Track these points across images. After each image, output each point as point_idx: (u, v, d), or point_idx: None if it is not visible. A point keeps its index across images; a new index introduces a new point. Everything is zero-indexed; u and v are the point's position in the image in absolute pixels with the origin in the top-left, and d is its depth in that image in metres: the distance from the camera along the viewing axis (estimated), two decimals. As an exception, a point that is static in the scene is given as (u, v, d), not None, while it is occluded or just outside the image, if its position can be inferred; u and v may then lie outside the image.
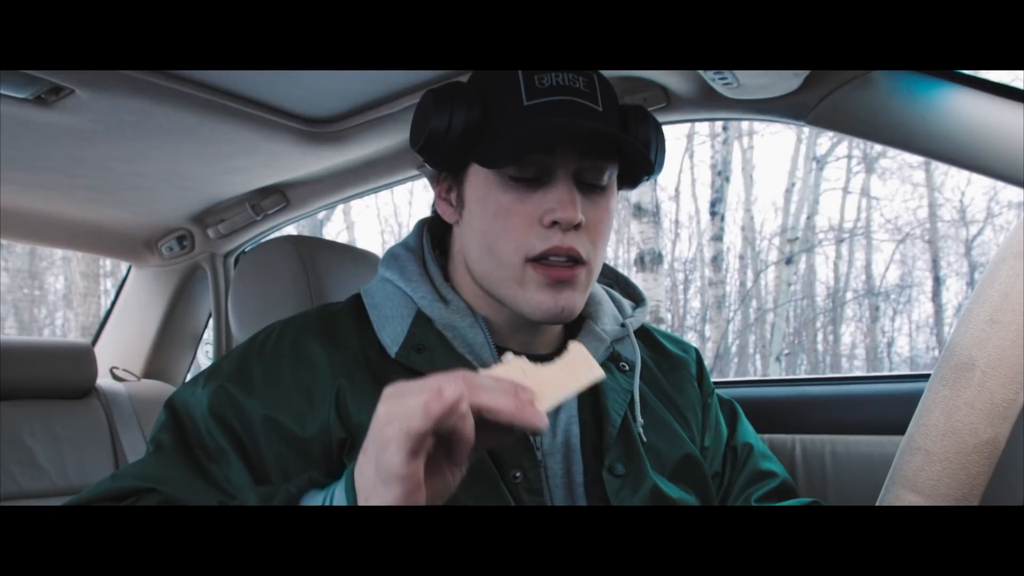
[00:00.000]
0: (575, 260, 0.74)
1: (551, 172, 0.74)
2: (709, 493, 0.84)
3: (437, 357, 0.76)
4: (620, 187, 0.83)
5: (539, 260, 0.74)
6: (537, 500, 0.74)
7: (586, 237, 0.75)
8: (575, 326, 0.86)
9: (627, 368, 0.84)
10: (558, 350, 0.83)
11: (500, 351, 0.80)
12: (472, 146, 0.76)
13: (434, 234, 0.86)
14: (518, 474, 0.74)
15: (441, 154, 0.77)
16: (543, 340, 0.84)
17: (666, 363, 0.91)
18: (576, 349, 0.59)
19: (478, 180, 0.77)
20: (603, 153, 0.75)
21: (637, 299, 0.93)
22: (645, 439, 0.81)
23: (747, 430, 0.93)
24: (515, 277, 0.75)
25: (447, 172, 0.81)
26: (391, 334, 0.77)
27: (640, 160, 0.75)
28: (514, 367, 0.58)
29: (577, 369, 0.58)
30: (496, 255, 0.75)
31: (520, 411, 0.51)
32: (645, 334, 0.93)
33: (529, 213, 0.74)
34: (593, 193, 0.76)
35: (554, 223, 0.73)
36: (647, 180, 0.85)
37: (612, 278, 0.96)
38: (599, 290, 0.90)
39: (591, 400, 0.80)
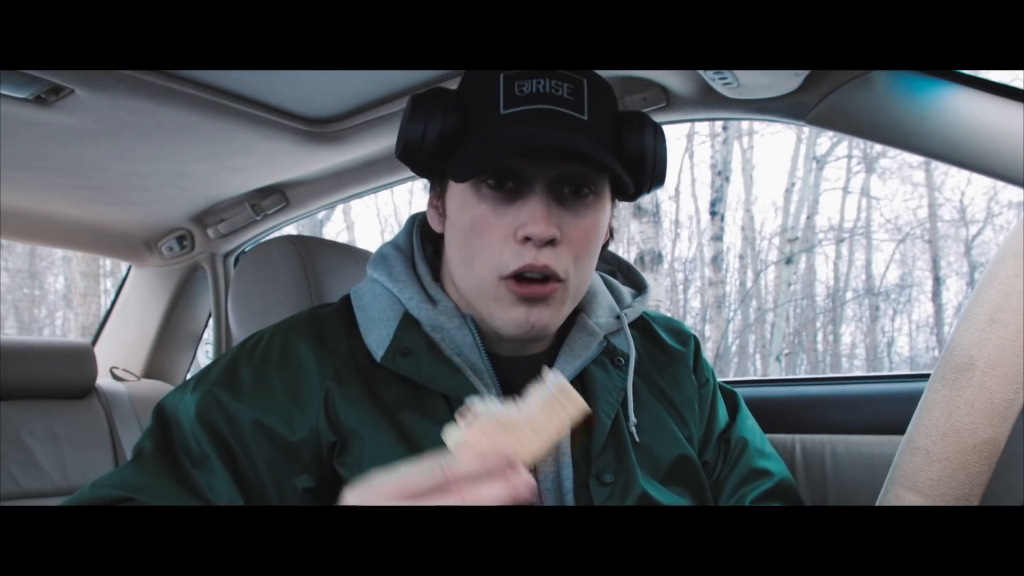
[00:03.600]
0: (551, 278, 0.71)
1: (528, 183, 0.71)
2: (705, 494, 0.82)
3: (423, 362, 0.74)
4: (620, 198, 0.80)
5: (513, 277, 0.71)
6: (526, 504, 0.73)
7: (566, 253, 0.71)
8: (568, 320, 0.83)
9: (622, 362, 0.81)
10: (552, 347, 0.82)
11: (490, 357, 0.78)
12: (450, 154, 0.74)
13: (427, 232, 0.84)
14: None
15: (419, 162, 0.75)
16: (534, 340, 0.80)
17: (664, 357, 0.87)
18: (554, 382, 0.52)
19: (457, 191, 0.74)
20: (580, 163, 0.71)
21: (639, 286, 0.90)
22: (638, 439, 0.78)
23: (746, 425, 0.90)
24: (490, 294, 0.73)
25: (429, 179, 0.80)
26: (376, 338, 0.76)
27: (616, 173, 0.70)
28: (488, 423, 0.50)
29: (560, 408, 0.52)
30: (473, 269, 0.73)
31: (516, 494, 0.49)
32: (644, 326, 0.89)
33: (504, 227, 0.71)
34: (575, 205, 0.72)
35: (527, 239, 0.70)
36: (648, 192, 0.80)
37: (614, 265, 0.94)
38: (595, 280, 0.87)
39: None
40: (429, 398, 0.74)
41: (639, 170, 0.76)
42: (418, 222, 0.85)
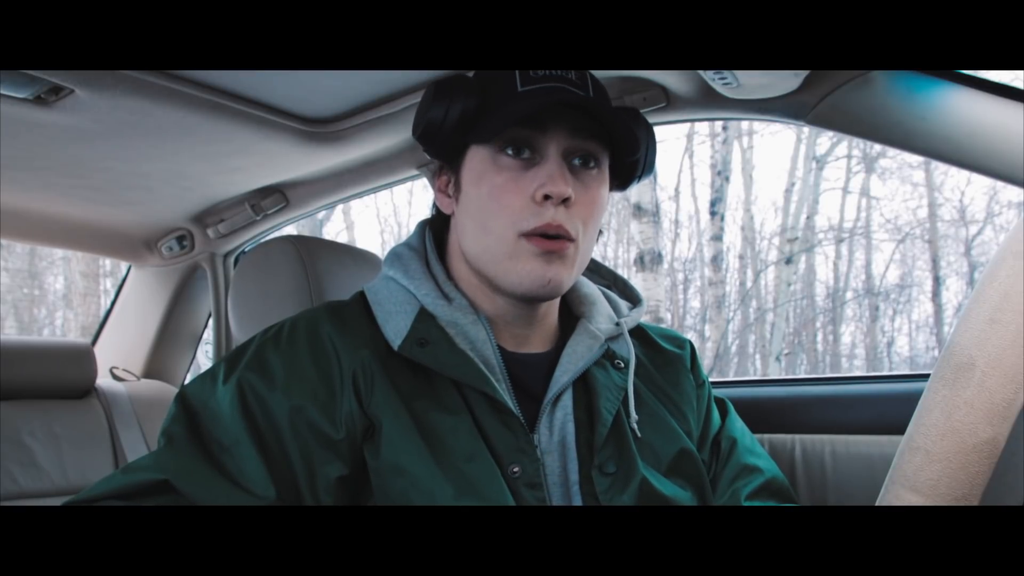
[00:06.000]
0: (565, 236, 0.76)
1: (542, 151, 0.77)
2: (705, 488, 0.85)
3: (440, 352, 0.76)
4: (612, 187, 0.84)
5: (531, 234, 0.76)
6: (537, 495, 0.75)
7: (576, 215, 0.77)
8: (570, 325, 0.86)
9: (622, 365, 0.85)
10: (556, 349, 0.84)
11: (500, 352, 0.81)
12: (468, 131, 0.79)
13: (434, 235, 0.87)
14: (516, 469, 0.75)
15: (439, 141, 0.80)
16: (539, 337, 0.85)
17: (661, 359, 0.92)
18: None
19: (474, 164, 0.79)
20: (592, 132, 0.77)
21: (634, 300, 0.94)
22: (639, 435, 0.82)
23: (735, 425, 0.95)
24: (508, 251, 0.77)
25: (445, 160, 0.83)
26: (394, 328, 0.78)
27: (626, 139, 0.77)
28: None
29: None
30: (490, 231, 0.77)
31: None
32: (641, 333, 0.94)
33: (522, 191, 0.76)
34: (584, 175, 0.79)
35: (545, 197, 0.75)
36: (638, 181, 0.87)
37: (610, 279, 0.97)
38: (594, 290, 0.91)
39: (585, 399, 0.81)
40: (443, 388, 0.77)
41: (630, 138, 0.82)
42: (428, 225, 0.88)
